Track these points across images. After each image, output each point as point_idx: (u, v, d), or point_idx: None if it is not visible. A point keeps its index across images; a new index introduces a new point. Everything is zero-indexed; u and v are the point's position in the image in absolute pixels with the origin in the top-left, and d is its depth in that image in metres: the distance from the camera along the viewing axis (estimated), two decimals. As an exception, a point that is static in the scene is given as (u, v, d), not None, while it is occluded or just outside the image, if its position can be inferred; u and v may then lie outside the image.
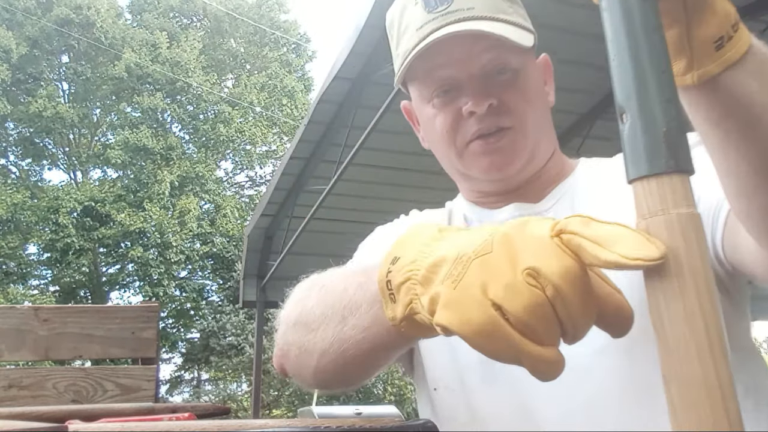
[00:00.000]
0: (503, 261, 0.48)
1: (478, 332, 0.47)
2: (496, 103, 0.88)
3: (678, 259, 0.42)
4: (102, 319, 1.50)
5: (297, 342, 0.74)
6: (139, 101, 18.66)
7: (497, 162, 0.90)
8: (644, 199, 0.45)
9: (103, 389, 1.48)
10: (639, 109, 0.45)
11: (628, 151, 0.45)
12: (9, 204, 16.65)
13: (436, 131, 0.93)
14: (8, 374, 1.46)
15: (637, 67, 0.46)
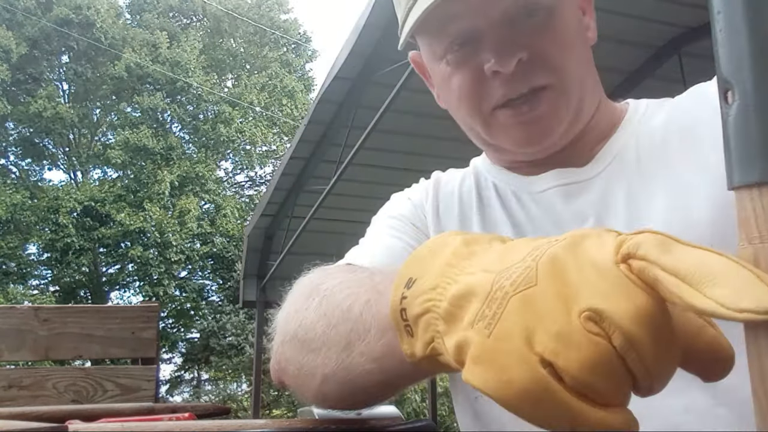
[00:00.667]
0: (552, 299, 0.36)
1: (523, 397, 0.36)
2: (527, 57, 0.71)
3: None
4: (102, 319, 1.50)
5: (296, 360, 0.64)
6: (139, 101, 18.66)
7: (534, 134, 0.74)
8: (753, 215, 0.32)
9: (103, 389, 1.48)
10: (754, 86, 0.32)
11: (734, 145, 0.33)
12: (9, 204, 16.64)
13: (453, 95, 0.77)
14: (8, 374, 1.46)
15: (752, 24, 0.32)
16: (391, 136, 5.63)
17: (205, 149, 19.73)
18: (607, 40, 4.36)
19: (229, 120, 19.52)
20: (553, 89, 0.73)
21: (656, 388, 0.37)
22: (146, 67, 18.70)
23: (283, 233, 8.07)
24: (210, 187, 19.40)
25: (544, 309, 0.36)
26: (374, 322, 0.53)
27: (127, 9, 20.86)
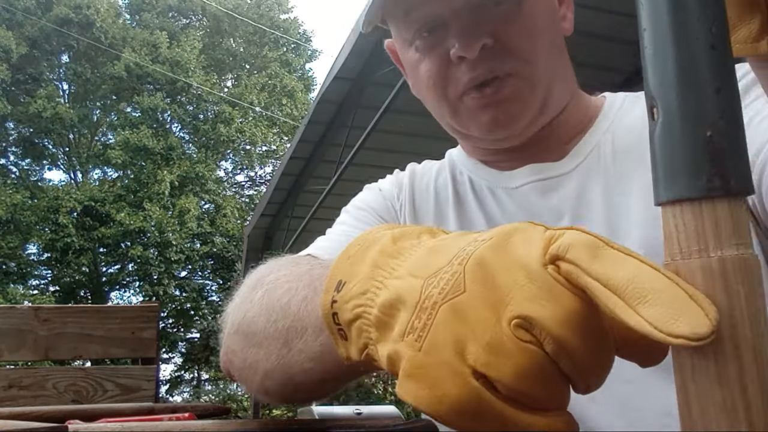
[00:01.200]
0: (481, 307, 0.35)
1: (458, 411, 0.35)
2: (491, 43, 0.71)
3: (718, 327, 0.30)
4: (102, 319, 1.50)
5: (239, 353, 0.63)
6: (139, 101, 18.66)
7: (500, 118, 0.73)
8: (676, 231, 0.32)
9: (103, 389, 1.48)
10: (675, 102, 0.31)
11: (659, 161, 0.32)
12: (9, 204, 16.65)
13: (422, 81, 0.77)
14: (8, 374, 1.46)
15: (676, 41, 0.31)
16: (391, 136, 5.63)
17: (205, 149, 19.72)
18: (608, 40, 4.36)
19: (229, 120, 19.52)
20: (518, 76, 0.72)
21: (593, 386, 0.36)
22: (146, 67, 18.70)
23: (283, 233, 8.08)
24: (210, 187, 19.40)
25: (473, 318, 0.35)
26: (310, 321, 0.52)
27: (126, 9, 20.86)
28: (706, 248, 0.31)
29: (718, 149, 0.30)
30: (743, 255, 0.30)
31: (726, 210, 0.31)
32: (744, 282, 0.30)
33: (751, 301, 0.30)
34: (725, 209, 0.31)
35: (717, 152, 0.30)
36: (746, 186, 0.31)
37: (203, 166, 19.14)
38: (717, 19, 0.31)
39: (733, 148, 0.31)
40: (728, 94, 0.31)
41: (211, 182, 19.46)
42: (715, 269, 0.30)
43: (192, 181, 18.92)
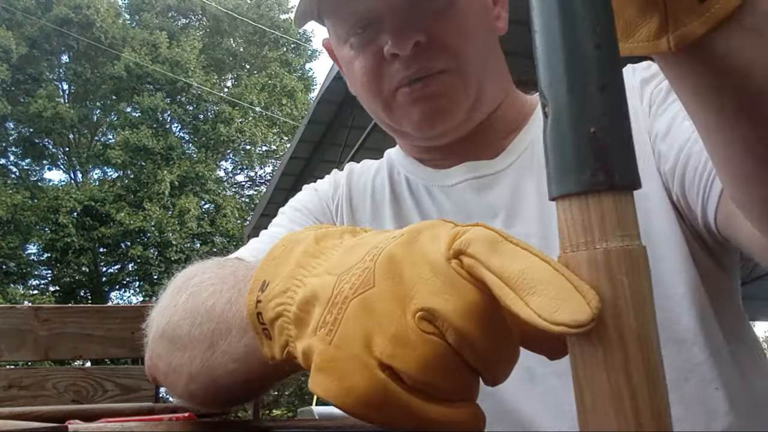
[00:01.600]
0: (388, 300, 0.36)
1: (365, 403, 0.35)
2: (424, 40, 0.72)
3: (602, 316, 0.31)
4: (102, 319, 1.50)
5: (164, 357, 0.62)
6: (139, 101, 18.66)
7: (430, 114, 0.74)
8: (566, 225, 0.33)
9: (103, 389, 1.48)
10: (562, 100, 0.32)
11: (549, 157, 0.33)
12: (9, 204, 16.64)
13: (357, 78, 0.78)
14: (8, 374, 1.46)
15: (564, 42, 0.33)
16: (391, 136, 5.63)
17: (205, 149, 19.72)
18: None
19: (229, 120, 19.52)
20: (450, 73, 0.73)
21: (500, 378, 0.37)
22: (146, 67, 18.70)
23: (283, 233, 8.07)
24: (210, 186, 19.39)
25: (380, 311, 0.36)
26: (234, 322, 0.52)
27: (125, 9, 20.86)
28: (592, 240, 0.32)
29: (601, 145, 0.31)
30: (628, 246, 0.31)
31: (611, 203, 0.31)
32: (628, 272, 0.31)
33: (636, 290, 0.31)
34: (610, 203, 0.31)
35: (601, 148, 0.31)
36: (631, 180, 0.32)
37: (203, 166, 19.14)
38: (601, 20, 0.32)
39: (618, 143, 0.32)
40: (613, 91, 0.32)
41: (211, 182, 19.45)
42: (600, 260, 0.31)
43: (192, 181, 18.92)
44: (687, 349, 0.68)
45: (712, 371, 0.67)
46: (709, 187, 0.63)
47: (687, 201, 0.68)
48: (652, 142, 0.73)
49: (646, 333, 0.31)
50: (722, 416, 0.66)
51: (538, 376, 0.70)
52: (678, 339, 0.68)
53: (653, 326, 0.31)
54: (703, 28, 0.39)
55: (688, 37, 0.40)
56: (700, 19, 0.39)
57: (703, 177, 0.63)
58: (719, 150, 0.50)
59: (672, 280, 0.69)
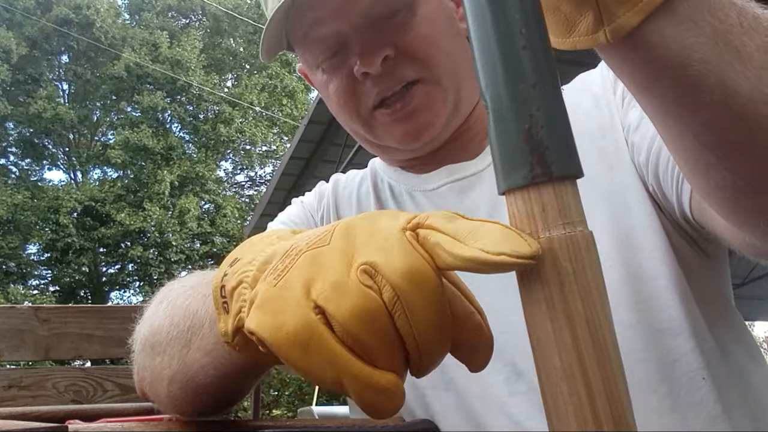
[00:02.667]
0: (338, 255, 0.38)
1: (292, 340, 0.36)
2: (392, 54, 0.72)
3: (551, 302, 0.32)
4: (102, 319, 1.50)
5: (148, 366, 0.62)
6: (139, 101, 18.65)
7: (412, 130, 0.75)
8: (512, 218, 0.35)
9: (103, 389, 1.48)
10: (498, 100, 0.34)
11: (494, 154, 0.35)
12: (10, 204, 16.64)
13: (333, 101, 0.78)
14: (8, 374, 1.46)
15: (496, 44, 0.34)
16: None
17: (205, 149, 19.72)
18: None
19: (229, 120, 19.52)
20: (424, 82, 0.73)
21: (425, 363, 0.37)
22: (146, 67, 18.70)
23: (283, 233, 8.07)
24: (210, 187, 19.39)
25: (328, 263, 0.37)
26: (208, 315, 0.52)
27: (125, 9, 20.85)
28: (536, 230, 0.33)
29: (536, 140, 0.33)
30: (570, 233, 0.33)
31: (551, 194, 0.33)
32: (572, 258, 0.32)
33: (580, 275, 0.32)
34: (550, 193, 0.33)
35: (536, 143, 0.33)
36: (570, 170, 0.33)
37: (203, 166, 19.14)
38: (527, 22, 0.34)
39: (553, 137, 0.33)
40: (544, 88, 0.34)
41: (211, 182, 19.45)
42: (544, 249, 0.33)
43: (192, 181, 18.92)
44: (672, 339, 0.68)
45: (698, 361, 0.67)
46: (681, 178, 0.63)
47: (663, 192, 0.68)
48: (626, 134, 0.73)
49: (595, 316, 0.32)
50: (710, 406, 0.66)
51: (524, 372, 0.71)
52: (662, 329, 0.68)
53: (603, 309, 0.32)
54: (637, 18, 0.40)
55: (624, 28, 0.40)
56: (633, 10, 0.40)
57: (676, 168, 0.63)
58: (673, 142, 0.50)
59: (653, 270, 0.69)
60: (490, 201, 0.78)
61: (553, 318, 0.32)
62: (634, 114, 0.72)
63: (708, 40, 0.41)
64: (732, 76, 0.42)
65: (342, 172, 2.42)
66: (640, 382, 0.66)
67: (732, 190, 0.48)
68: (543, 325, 0.33)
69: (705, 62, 0.41)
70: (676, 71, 0.42)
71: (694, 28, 0.41)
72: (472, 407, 0.72)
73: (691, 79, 0.42)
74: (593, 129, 0.75)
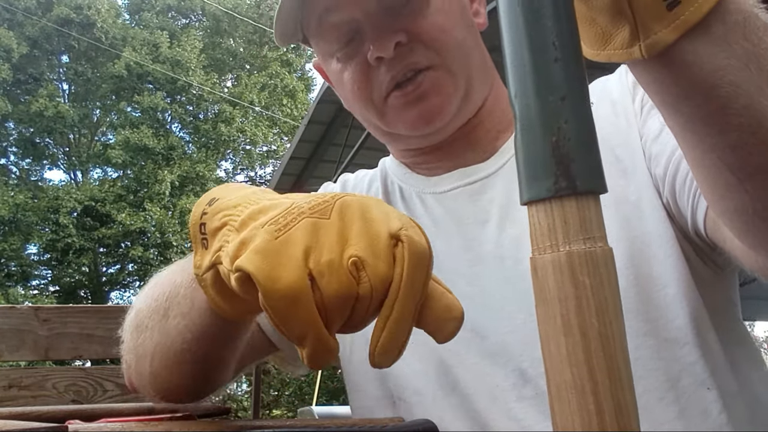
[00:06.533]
0: (335, 235, 0.43)
1: (285, 293, 0.41)
2: (405, 39, 0.73)
3: (566, 316, 0.33)
4: (102, 319, 1.50)
5: (133, 348, 0.64)
6: (140, 101, 18.65)
7: (424, 112, 0.75)
8: (533, 229, 0.35)
9: (103, 389, 1.48)
10: (527, 111, 0.35)
11: (519, 165, 0.36)
12: (10, 204, 16.64)
13: (347, 89, 0.79)
14: (8, 374, 1.46)
15: (529, 55, 0.35)
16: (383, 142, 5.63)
17: (206, 149, 19.72)
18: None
19: (230, 120, 19.52)
20: (436, 68, 0.74)
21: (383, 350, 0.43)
22: (146, 67, 18.69)
23: (284, 233, 8.06)
24: (210, 187, 19.31)
25: (325, 240, 0.43)
26: (184, 281, 0.56)
27: (125, 9, 20.84)
28: (556, 243, 0.33)
29: (563, 153, 0.33)
30: (590, 248, 0.33)
31: (574, 208, 0.33)
32: (590, 273, 0.33)
33: (597, 291, 0.32)
34: (573, 207, 0.33)
35: (562, 156, 0.33)
36: (594, 185, 0.34)
37: (203, 166, 19.14)
38: (560, 34, 0.34)
39: (580, 151, 0.33)
40: (574, 101, 0.34)
41: (211, 182, 19.44)
42: (563, 262, 0.33)
43: (192, 181, 18.91)
44: (679, 349, 0.68)
45: (704, 371, 0.68)
46: (698, 194, 0.63)
47: (677, 205, 0.68)
48: (643, 143, 0.73)
49: (609, 332, 0.32)
50: (715, 416, 0.67)
51: (530, 378, 0.71)
52: (670, 338, 0.68)
53: (618, 325, 0.33)
54: (674, 35, 0.41)
55: (659, 44, 0.41)
56: (668, 28, 0.40)
57: (693, 183, 0.63)
58: (695, 159, 0.51)
59: (664, 278, 0.70)
60: (501, 205, 0.77)
61: (568, 333, 0.33)
62: (653, 124, 0.71)
63: (740, 62, 0.42)
64: (761, 100, 0.42)
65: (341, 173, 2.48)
66: (647, 391, 0.67)
67: (750, 213, 0.49)
68: (557, 338, 0.33)
69: (735, 85, 0.42)
70: (706, 91, 0.43)
71: (728, 49, 0.41)
72: (478, 412, 0.72)
73: (721, 100, 0.43)
74: (610, 136, 0.75)
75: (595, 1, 0.41)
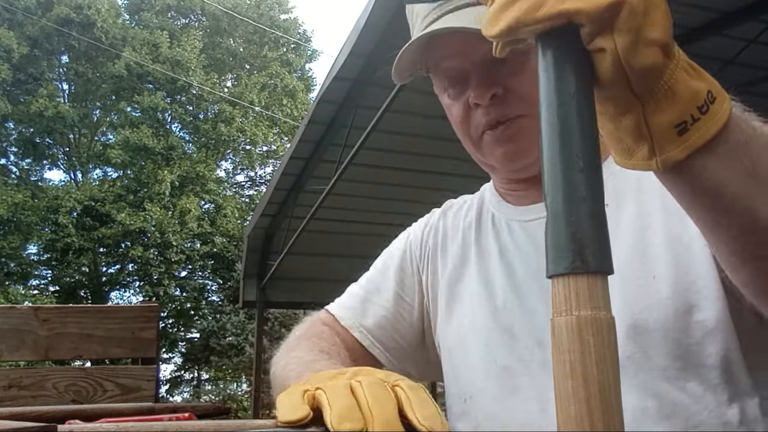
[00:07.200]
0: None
1: None
2: (502, 92, 0.85)
3: (573, 364, 0.42)
4: (102, 319, 1.50)
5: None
6: (140, 101, 18.65)
7: (510, 152, 0.87)
8: (555, 297, 0.44)
9: (103, 389, 1.48)
10: (555, 205, 0.45)
11: (548, 245, 0.45)
12: (10, 204, 16.63)
13: (454, 122, 0.93)
14: (8, 374, 1.46)
15: (556, 161, 0.45)
16: (391, 136, 5.63)
17: (206, 149, 19.72)
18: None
19: (230, 119, 19.52)
20: (525, 117, 0.85)
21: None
22: (146, 67, 18.69)
23: (283, 233, 8.06)
24: (210, 187, 19.39)
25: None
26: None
27: (125, 8, 20.84)
28: (569, 309, 0.43)
29: (580, 241, 0.43)
30: (595, 315, 0.43)
31: (585, 283, 0.43)
32: (594, 334, 0.42)
33: (599, 348, 0.42)
34: (584, 282, 0.43)
35: (579, 243, 0.43)
36: (602, 267, 0.43)
37: (203, 166, 19.14)
38: (584, 152, 0.45)
39: (593, 240, 0.44)
40: (592, 202, 0.44)
41: (211, 182, 19.45)
42: (573, 324, 0.43)
43: (192, 181, 18.91)
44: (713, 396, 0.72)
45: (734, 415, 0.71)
46: None
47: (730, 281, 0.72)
48: None
49: (606, 380, 0.42)
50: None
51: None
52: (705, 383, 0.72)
53: (614, 375, 0.42)
54: (683, 154, 0.51)
55: (671, 160, 0.51)
56: (679, 148, 0.51)
57: None
58: (709, 242, 0.62)
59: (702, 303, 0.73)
60: None
61: (573, 377, 0.42)
62: None
63: (739, 174, 0.52)
64: (757, 204, 0.53)
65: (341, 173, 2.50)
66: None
67: (752, 287, 0.61)
68: (565, 381, 0.42)
69: (735, 193, 0.52)
70: (712, 197, 0.53)
71: (730, 165, 0.52)
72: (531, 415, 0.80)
73: (724, 205, 0.54)
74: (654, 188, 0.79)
75: (622, 124, 0.51)
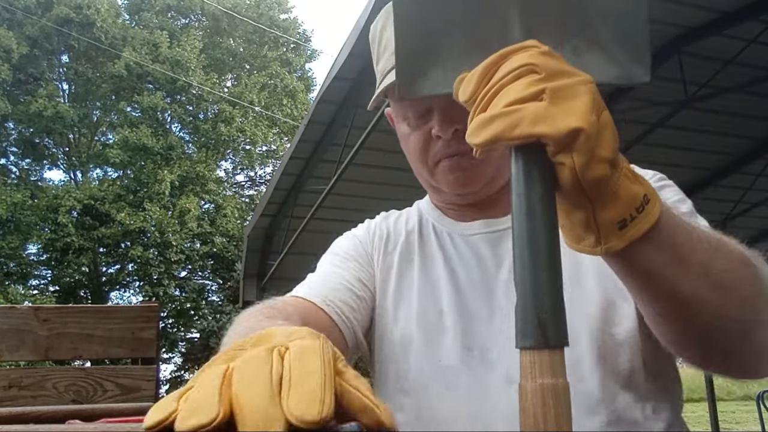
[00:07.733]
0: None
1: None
2: (462, 129, 0.89)
3: (536, 417, 0.51)
4: (102, 319, 1.50)
5: None
6: (139, 101, 18.64)
7: (461, 180, 0.99)
8: (523, 366, 0.53)
9: (103, 389, 1.48)
10: (524, 293, 0.54)
11: (516, 322, 0.54)
12: (9, 203, 16.63)
13: (410, 149, 1.03)
14: (8, 374, 1.46)
15: (526, 264, 0.55)
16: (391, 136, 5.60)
17: (206, 149, 19.72)
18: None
19: (230, 119, 19.51)
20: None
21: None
22: (146, 67, 18.69)
23: (283, 233, 8.07)
24: (210, 187, 19.39)
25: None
26: None
27: (124, 8, 20.83)
28: (534, 377, 0.52)
29: (543, 323, 0.53)
30: (554, 383, 0.51)
31: (546, 356, 0.52)
32: (552, 397, 0.51)
33: (556, 408, 0.51)
34: (546, 356, 0.52)
35: (542, 325, 0.53)
36: (560, 342, 0.53)
37: (203, 166, 19.14)
38: (548, 255, 0.55)
39: (554, 323, 0.53)
40: (553, 293, 0.54)
41: (211, 182, 19.45)
42: (537, 390, 0.51)
43: (192, 181, 18.92)
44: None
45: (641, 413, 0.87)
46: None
47: None
48: None
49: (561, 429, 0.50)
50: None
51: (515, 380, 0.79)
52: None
53: (567, 425, 0.51)
54: (623, 245, 0.61)
55: (613, 248, 0.62)
56: (619, 240, 0.61)
57: None
58: (642, 309, 0.76)
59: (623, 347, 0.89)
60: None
61: (537, 428, 0.50)
62: None
63: (666, 259, 0.64)
64: (680, 282, 0.66)
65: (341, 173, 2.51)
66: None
67: (668, 337, 0.75)
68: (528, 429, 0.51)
69: (663, 273, 0.65)
70: (644, 276, 0.66)
71: (659, 252, 0.63)
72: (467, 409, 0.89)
73: (654, 281, 0.66)
74: None
75: (576, 218, 0.61)
